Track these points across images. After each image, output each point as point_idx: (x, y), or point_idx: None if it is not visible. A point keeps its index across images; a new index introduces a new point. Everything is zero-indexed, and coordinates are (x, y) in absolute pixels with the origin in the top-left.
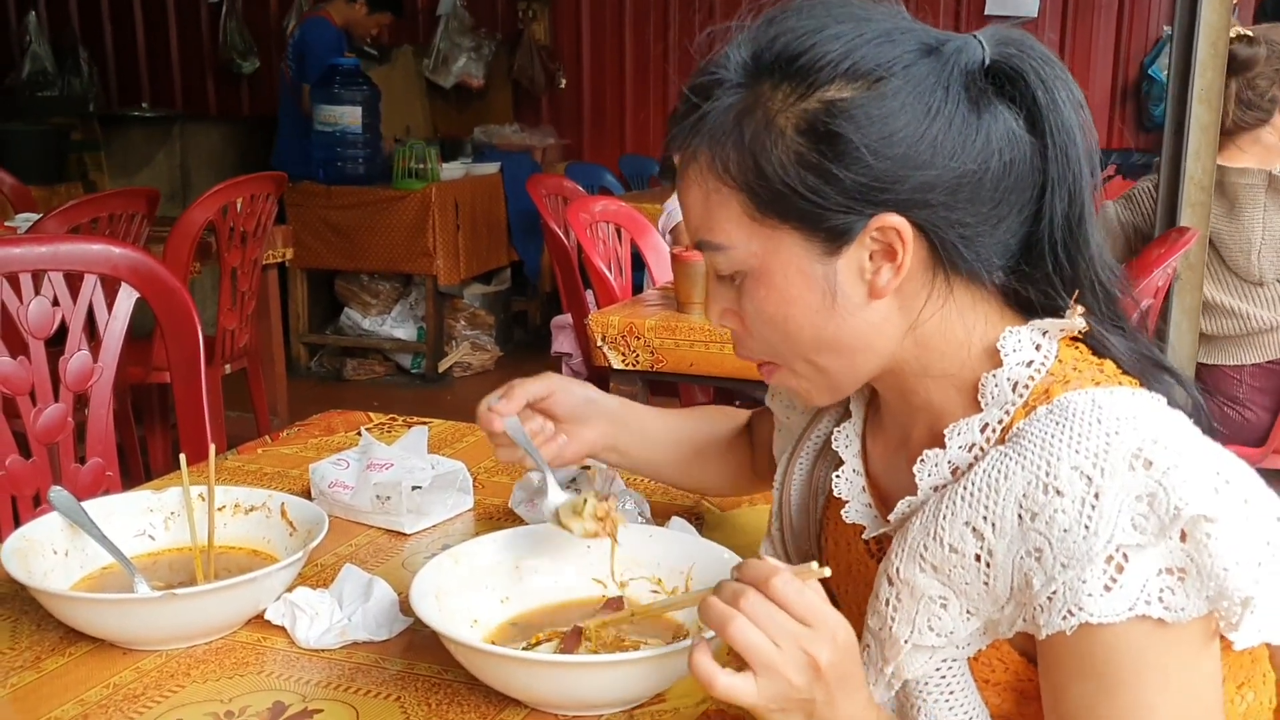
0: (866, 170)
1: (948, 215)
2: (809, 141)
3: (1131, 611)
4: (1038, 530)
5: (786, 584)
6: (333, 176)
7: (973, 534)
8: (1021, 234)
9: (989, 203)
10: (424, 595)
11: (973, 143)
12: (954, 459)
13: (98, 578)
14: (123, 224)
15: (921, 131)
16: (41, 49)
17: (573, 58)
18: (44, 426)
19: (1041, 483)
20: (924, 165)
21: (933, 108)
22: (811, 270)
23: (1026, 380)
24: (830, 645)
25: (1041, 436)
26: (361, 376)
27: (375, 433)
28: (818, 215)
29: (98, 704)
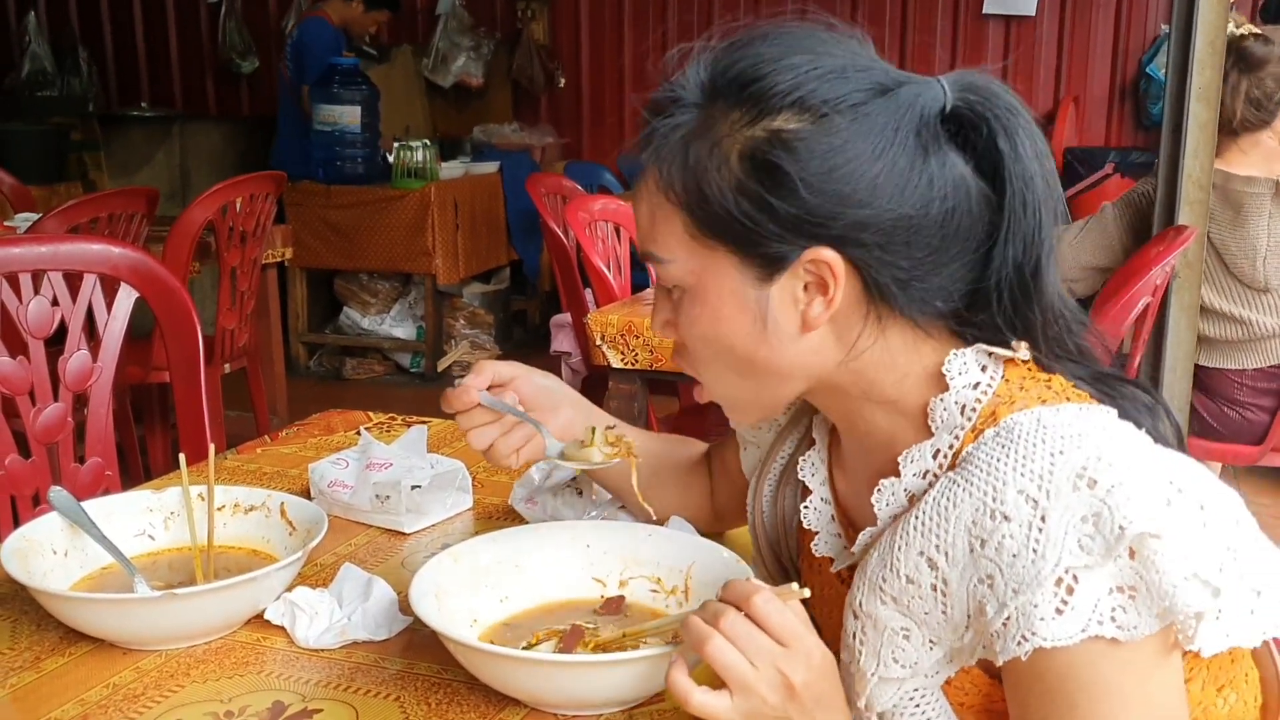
0: (801, 203)
1: (882, 256)
2: (749, 169)
3: (1084, 633)
4: (988, 557)
5: (767, 603)
6: (332, 176)
7: (927, 564)
8: (968, 278)
9: (927, 248)
10: (423, 595)
11: (915, 187)
12: (909, 486)
13: (97, 578)
14: (122, 224)
15: (861, 171)
16: (41, 49)
17: (572, 57)
18: (43, 426)
19: (989, 509)
20: (860, 204)
21: (877, 149)
22: (745, 295)
23: (973, 403)
24: (805, 666)
25: (988, 461)
26: (361, 376)
27: (374, 432)
28: (753, 241)
29: (98, 704)
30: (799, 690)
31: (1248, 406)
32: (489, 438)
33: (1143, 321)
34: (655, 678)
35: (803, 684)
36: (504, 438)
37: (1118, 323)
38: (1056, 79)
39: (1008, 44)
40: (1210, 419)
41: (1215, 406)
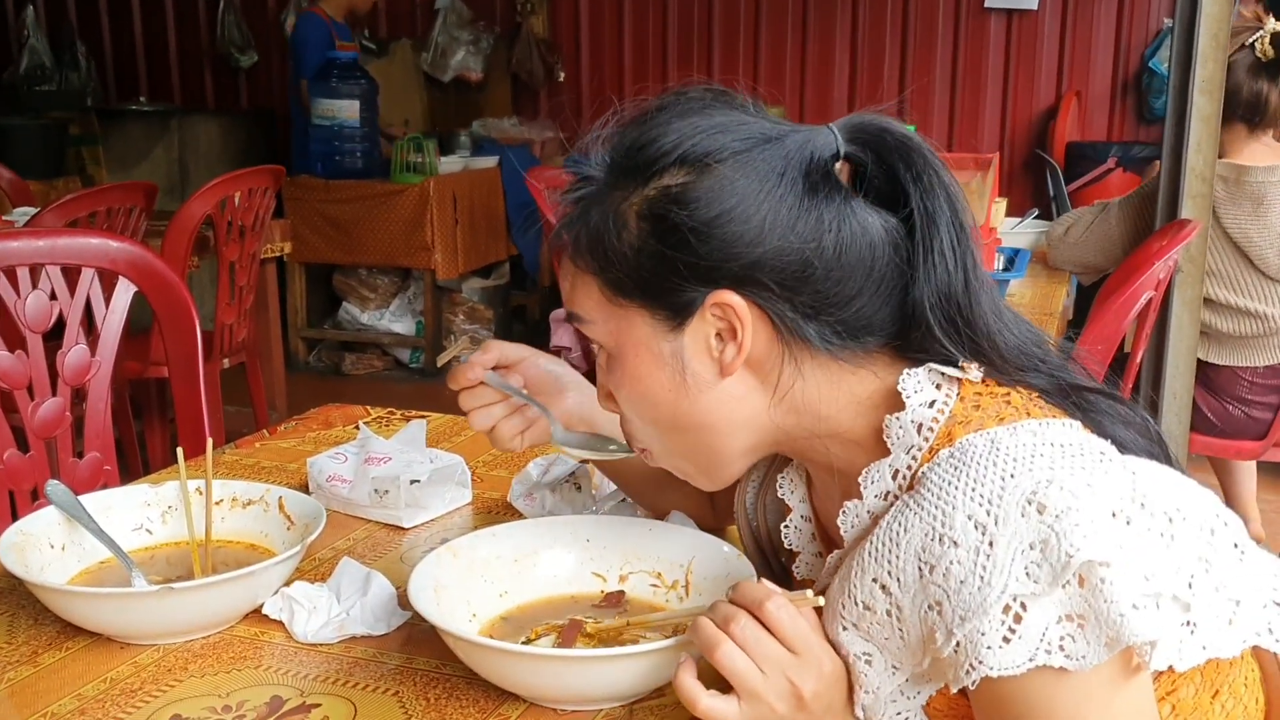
0: (694, 251)
1: (782, 294)
2: (644, 226)
3: (1032, 662)
4: (936, 583)
5: (780, 609)
6: (331, 170)
7: (881, 590)
8: (892, 309)
9: (828, 282)
10: (422, 589)
11: (805, 225)
12: (871, 507)
13: (95, 572)
14: (120, 218)
15: (749, 213)
16: (39, 43)
17: (571, 51)
18: (41, 421)
19: (938, 534)
20: (752, 245)
21: (763, 191)
22: (660, 348)
23: (930, 422)
24: (815, 675)
25: (939, 484)
26: (360, 371)
27: (373, 426)
28: (658, 293)
29: (95, 698)
30: (808, 700)
31: (1253, 404)
32: (492, 418)
33: (1145, 317)
34: (655, 673)
35: (812, 694)
36: (507, 420)
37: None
38: (1059, 73)
39: (1009, 38)
40: (1213, 415)
41: (1219, 403)
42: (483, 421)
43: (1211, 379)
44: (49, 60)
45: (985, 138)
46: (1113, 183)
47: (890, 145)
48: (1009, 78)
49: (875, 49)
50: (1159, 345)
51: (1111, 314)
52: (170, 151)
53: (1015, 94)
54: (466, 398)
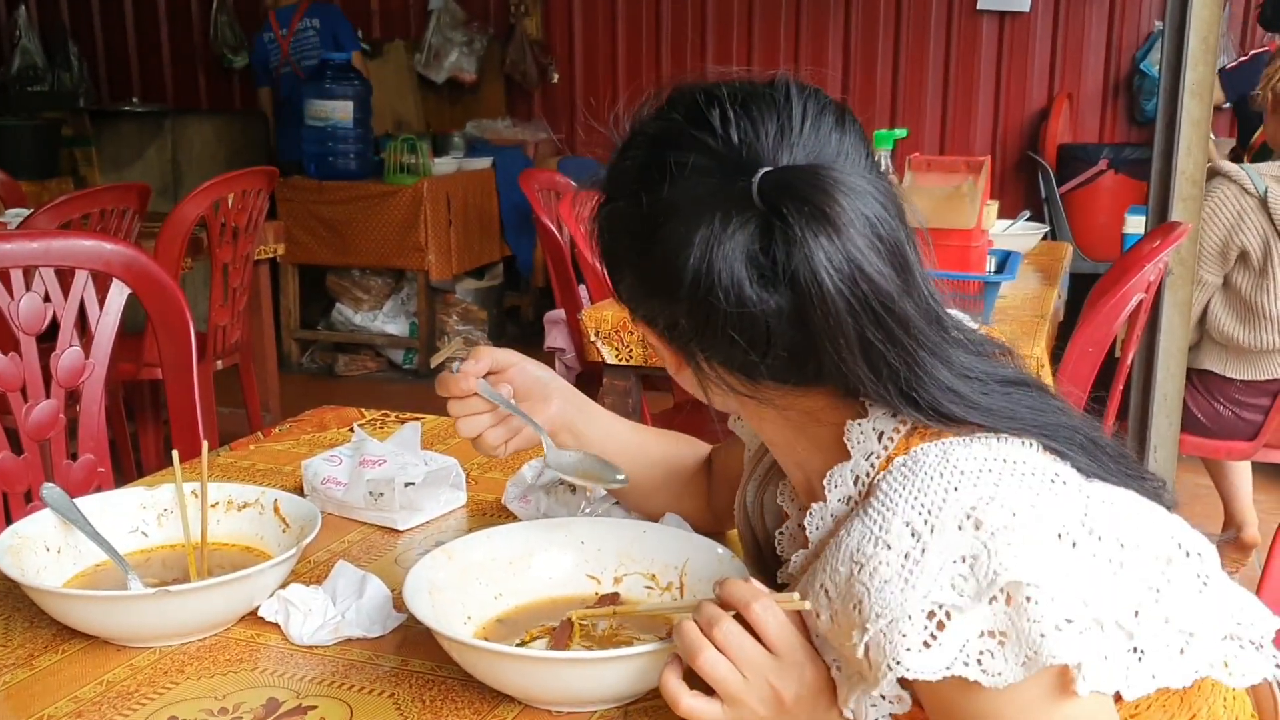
0: (630, 293)
1: (696, 337)
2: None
3: (949, 671)
4: (861, 581)
5: (766, 610)
6: (324, 171)
7: (824, 594)
8: (816, 362)
9: (736, 330)
10: (418, 591)
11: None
12: (834, 511)
13: (91, 575)
14: (114, 219)
15: (625, 255)
16: (31, 43)
17: (565, 52)
18: (35, 423)
19: (873, 536)
20: (635, 289)
21: (676, 240)
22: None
23: (891, 431)
24: (797, 680)
25: (886, 492)
26: (353, 372)
27: (368, 429)
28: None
29: (91, 701)
30: (789, 704)
31: (1244, 405)
32: (479, 427)
33: (1135, 319)
34: (650, 675)
35: (794, 698)
36: (493, 429)
37: (1110, 320)
38: (1050, 75)
39: (1002, 40)
40: (1203, 417)
41: (1209, 404)
42: (469, 429)
43: (1204, 381)
44: (41, 60)
45: (977, 139)
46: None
47: (794, 208)
48: (1001, 80)
49: (868, 51)
50: (1149, 347)
51: (1102, 316)
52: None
53: (1007, 96)
54: (455, 405)
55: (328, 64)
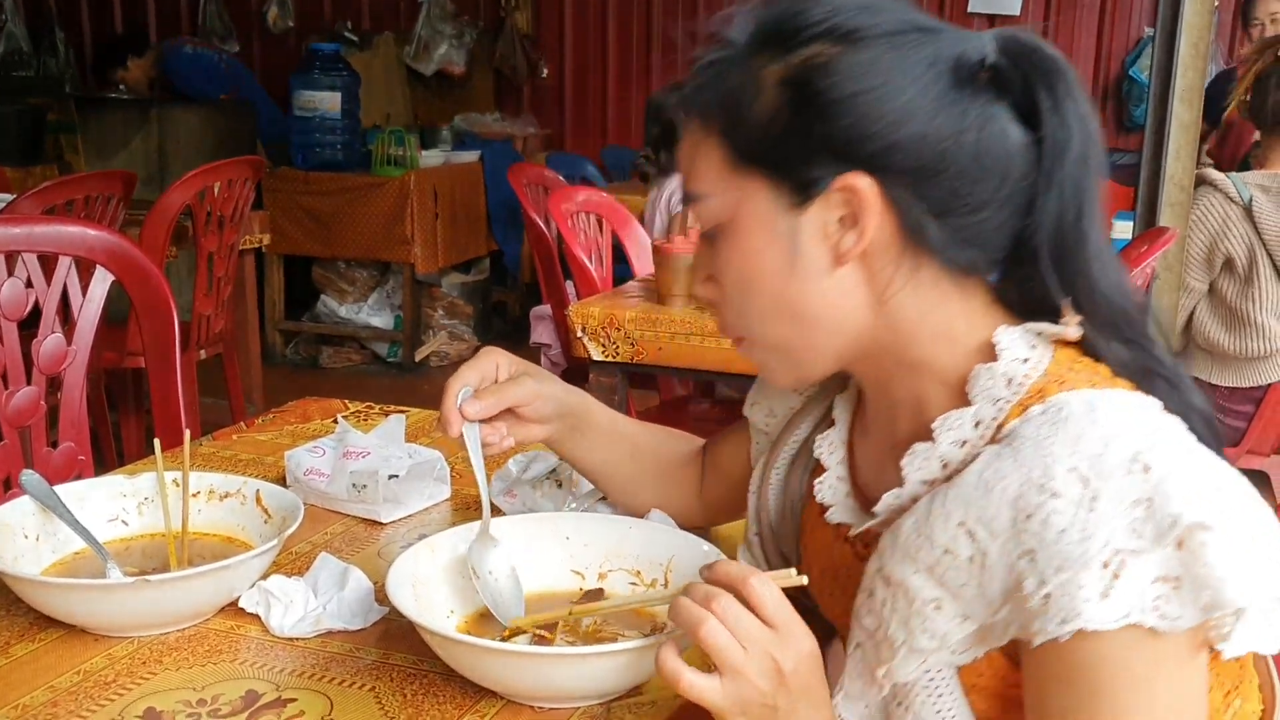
0: (837, 121)
1: (914, 186)
2: (784, 91)
3: (1126, 619)
4: (1031, 531)
5: (762, 584)
6: (311, 162)
7: (966, 535)
8: (1008, 229)
9: (960, 180)
10: (400, 585)
11: (948, 116)
12: (944, 454)
13: (69, 563)
14: (99, 206)
15: (894, 95)
16: (17, 29)
17: (555, 47)
18: (16, 409)
19: (1037, 484)
20: (892, 127)
21: (910, 76)
22: (776, 224)
23: (1021, 378)
24: (795, 653)
25: (1036, 437)
26: (337, 364)
27: (352, 420)
28: (786, 164)
29: (68, 690)
30: (788, 677)
31: (1229, 412)
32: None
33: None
34: (632, 670)
35: (791, 671)
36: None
37: None
38: None
39: None
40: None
41: None
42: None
43: None
44: (27, 45)
45: None
46: None
47: (1038, 65)
48: None
49: None
50: None
51: None
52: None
53: None
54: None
55: (316, 54)
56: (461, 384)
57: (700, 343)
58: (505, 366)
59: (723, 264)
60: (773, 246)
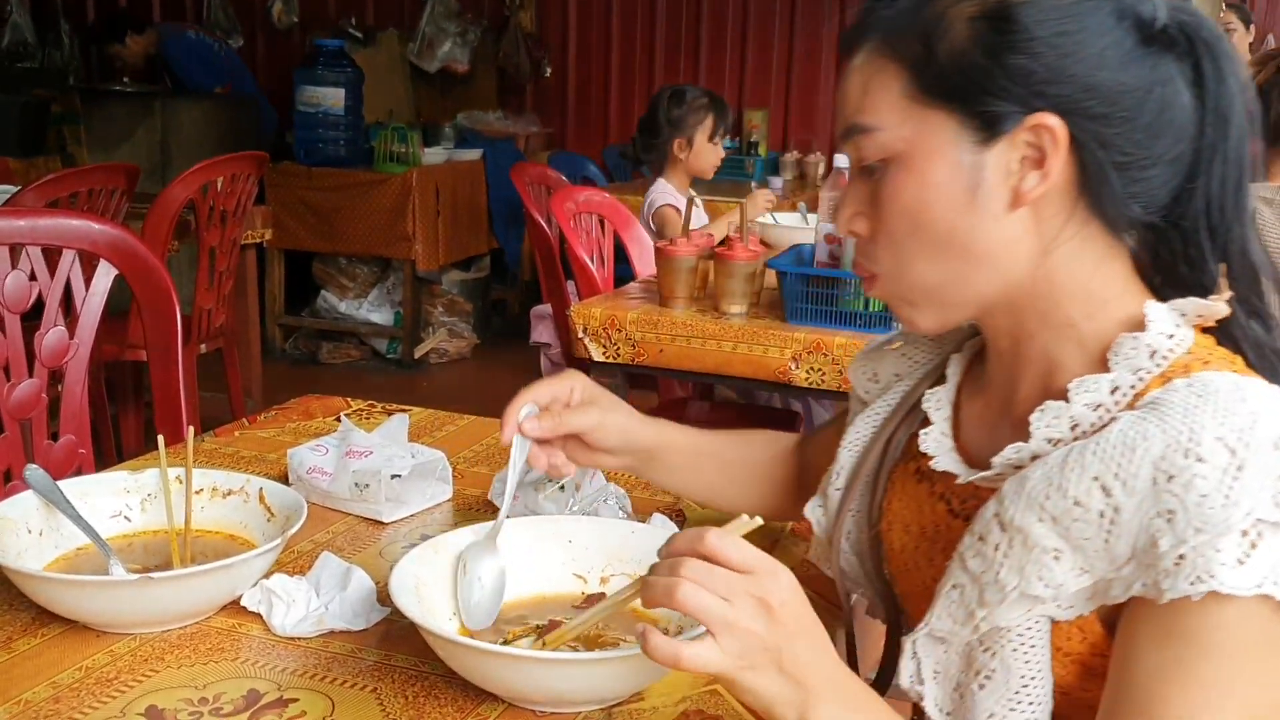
0: (1036, 58)
1: (1103, 131)
2: (985, 22)
3: (1259, 589)
4: (1173, 492)
5: (719, 538)
6: (313, 158)
7: (1100, 490)
8: (1172, 188)
9: (1144, 133)
10: (404, 586)
11: (1139, 68)
12: (1076, 415)
13: (72, 558)
14: (102, 199)
15: (1091, 39)
16: (22, 19)
17: (558, 46)
18: (17, 402)
19: (1183, 448)
20: (1090, 70)
21: (1104, 25)
22: (959, 159)
23: (1165, 351)
24: (776, 586)
25: (1184, 405)
26: (337, 360)
27: (355, 419)
28: (977, 98)
29: (70, 687)
30: (777, 610)
31: None
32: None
33: None
34: (635, 676)
35: (780, 604)
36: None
37: None
38: None
39: None
40: None
41: None
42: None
43: None
44: (31, 36)
45: None
46: None
47: (1203, 35)
48: None
49: None
50: None
51: None
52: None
53: None
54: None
55: (320, 50)
56: (531, 398)
57: (701, 345)
58: (579, 391)
59: (888, 196)
60: (953, 181)
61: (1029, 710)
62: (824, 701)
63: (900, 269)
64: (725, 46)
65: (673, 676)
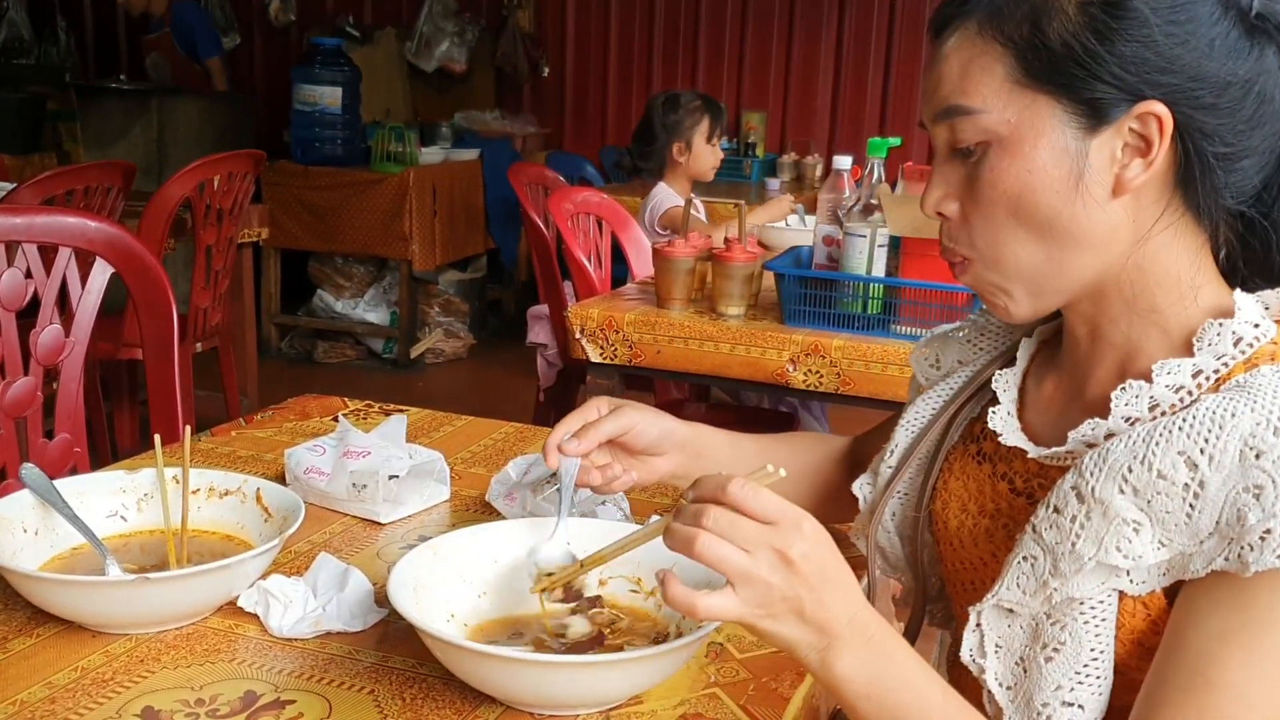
0: (1149, 45)
1: (1209, 120)
2: (1099, 7)
3: None
4: (1262, 469)
5: (741, 488)
6: (310, 157)
7: (1186, 464)
8: (1263, 178)
9: (1245, 124)
10: (402, 587)
11: (1244, 58)
12: (1157, 395)
13: (68, 558)
14: (98, 197)
15: (1202, 29)
16: (18, 16)
17: (556, 46)
18: (13, 399)
19: (1273, 425)
20: (1200, 59)
21: (1213, 14)
22: (1065, 145)
23: (1251, 339)
24: (798, 537)
25: (1273, 388)
26: (332, 359)
27: (352, 419)
28: (1085, 85)
29: (65, 687)
30: (798, 562)
31: None
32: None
33: None
34: (633, 680)
35: (801, 555)
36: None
37: None
38: None
39: None
40: None
41: None
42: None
43: None
44: (28, 33)
45: None
46: None
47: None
48: None
49: (860, 53)
50: None
51: None
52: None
53: None
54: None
55: (317, 49)
56: (565, 428)
57: (699, 347)
58: (606, 406)
59: (989, 180)
60: (1058, 166)
61: (1094, 684)
62: (846, 647)
63: (997, 253)
64: (723, 48)
65: (671, 680)
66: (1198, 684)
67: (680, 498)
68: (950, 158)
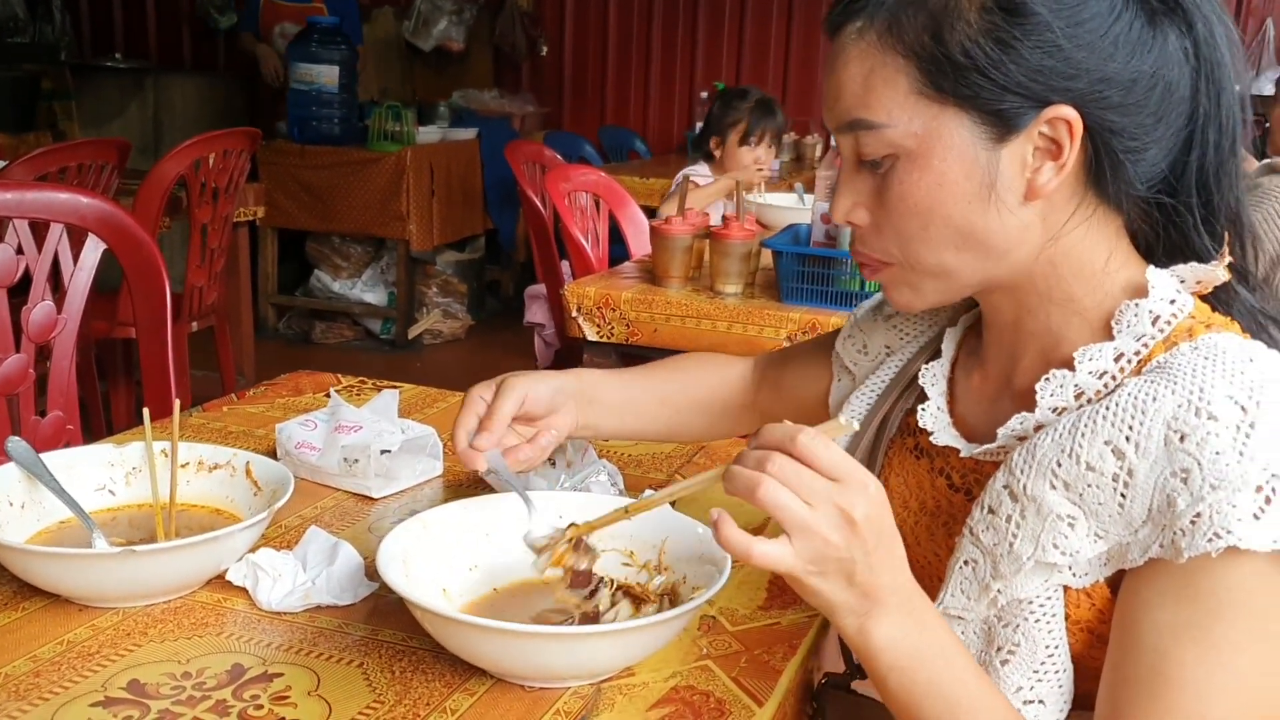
0: (1053, 51)
1: (1117, 120)
2: (1000, 15)
3: (1275, 544)
4: (1186, 451)
5: (812, 440)
6: (307, 135)
7: (1113, 453)
8: (1170, 161)
9: (1151, 117)
10: (391, 560)
11: (1148, 51)
12: (1081, 383)
13: (55, 532)
14: (92, 174)
15: (1106, 27)
16: None
17: (555, 25)
18: (4, 377)
19: (1194, 406)
20: (1106, 59)
21: (1115, 7)
22: (974, 157)
23: (1168, 316)
24: (864, 499)
25: (1192, 367)
26: (330, 340)
27: (344, 395)
28: (993, 94)
29: (50, 661)
30: (860, 525)
31: None
32: None
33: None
34: (625, 652)
35: (864, 517)
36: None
37: None
38: None
39: None
40: None
41: None
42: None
43: None
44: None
45: None
46: None
47: (1186, 6)
48: None
49: None
50: None
51: None
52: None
53: None
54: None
55: (314, 27)
56: (464, 430)
57: (695, 324)
58: (487, 391)
59: (899, 193)
60: (969, 178)
61: (1054, 678)
62: (888, 615)
63: (910, 260)
64: (723, 27)
65: (663, 652)
66: (1159, 686)
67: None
68: (859, 168)
